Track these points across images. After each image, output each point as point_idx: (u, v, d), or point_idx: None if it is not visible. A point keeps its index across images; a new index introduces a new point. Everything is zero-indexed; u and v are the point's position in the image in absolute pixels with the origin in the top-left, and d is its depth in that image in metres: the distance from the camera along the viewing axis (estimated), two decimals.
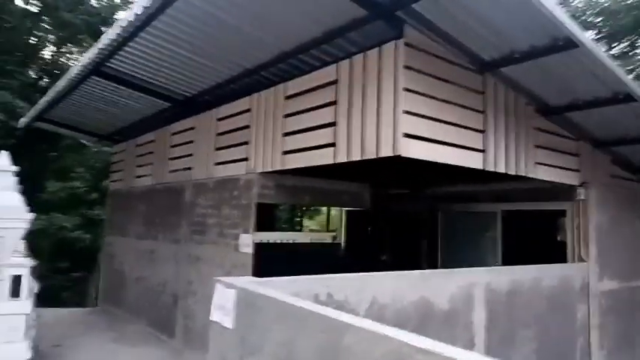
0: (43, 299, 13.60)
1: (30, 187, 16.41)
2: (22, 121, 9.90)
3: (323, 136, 4.92)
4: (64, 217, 14.20)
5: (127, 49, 5.55)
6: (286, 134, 5.49)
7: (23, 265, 5.18)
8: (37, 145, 17.19)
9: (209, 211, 6.90)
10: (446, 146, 4.47)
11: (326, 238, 11.46)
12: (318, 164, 4.98)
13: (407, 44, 4.14)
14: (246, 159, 6.20)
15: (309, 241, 12.05)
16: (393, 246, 8.93)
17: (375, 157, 4.30)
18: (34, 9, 18.43)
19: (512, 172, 5.20)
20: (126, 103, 7.74)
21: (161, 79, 6.52)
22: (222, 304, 2.91)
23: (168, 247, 7.89)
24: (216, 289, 3.05)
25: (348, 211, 9.50)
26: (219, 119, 6.85)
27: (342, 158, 4.68)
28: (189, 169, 7.58)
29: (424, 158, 4.25)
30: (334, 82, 4.85)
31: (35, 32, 19.09)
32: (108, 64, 6.08)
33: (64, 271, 14.91)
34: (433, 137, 4.34)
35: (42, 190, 16.05)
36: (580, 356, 5.72)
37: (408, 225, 8.68)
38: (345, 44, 4.72)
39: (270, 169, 5.75)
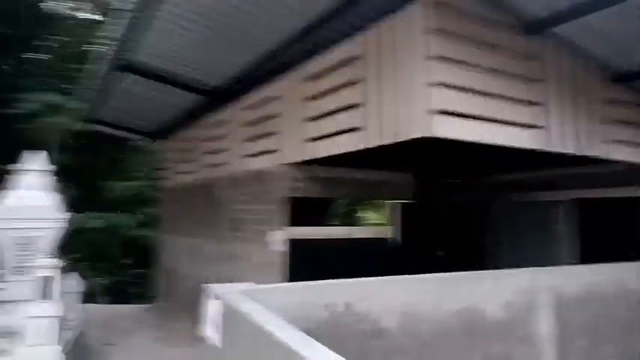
0: (112, 295, 14.18)
1: (97, 187, 17.10)
2: (74, 124, 10.16)
3: (349, 119, 4.33)
4: (125, 215, 14.64)
5: (146, 39, 5.27)
6: (312, 119, 4.96)
7: (53, 266, 5.08)
8: (105, 146, 17.92)
9: (244, 207, 6.54)
10: (493, 124, 3.71)
11: (383, 232, 10.78)
12: (345, 151, 4.40)
13: (438, 2, 3.44)
14: (275, 150, 5.74)
15: (366, 235, 11.40)
16: (450, 241, 8.13)
17: (407, 139, 3.65)
18: (100, 17, 19.20)
19: (582, 153, 4.31)
20: (161, 98, 7.56)
21: (188, 70, 6.21)
22: (213, 317, 2.46)
23: (210, 245, 7.66)
24: (209, 297, 2.60)
25: (402, 204, 8.80)
26: (248, 109, 6.45)
27: (371, 143, 4.06)
28: (224, 163, 7.27)
29: (465, 139, 3.53)
30: (359, 57, 4.24)
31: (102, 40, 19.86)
32: (132, 57, 5.86)
33: (130, 267, 15.44)
34: (476, 113, 3.60)
35: (108, 190, 16.74)
36: None
37: (467, 217, 7.83)
38: (370, 11, 4.07)
39: (298, 160, 5.24)
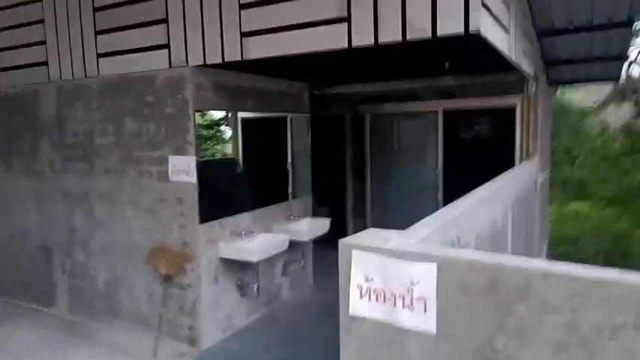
0: None
1: None
2: None
3: (323, 5, 3.39)
4: None
5: None
6: (246, 6, 3.72)
7: None
8: None
9: (98, 127, 4.72)
10: (500, 29, 3.46)
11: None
12: (316, 50, 3.48)
13: None
14: (166, 46, 4.18)
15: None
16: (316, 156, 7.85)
17: (428, 37, 3.06)
18: None
19: (517, 62, 4.51)
20: None
21: None
22: (399, 288, 1.60)
23: (22, 183, 5.40)
24: (358, 261, 1.68)
25: (243, 118, 7.95)
26: None
27: (363, 40, 3.28)
28: (42, 64, 5.01)
29: (496, 45, 3.18)
30: None
31: None
32: None
33: None
34: (497, 14, 3.27)
35: None
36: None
37: (327, 131, 7.65)
38: None
39: (217, 61, 3.94)
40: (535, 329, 1.41)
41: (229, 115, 4.80)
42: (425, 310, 1.56)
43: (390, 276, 1.65)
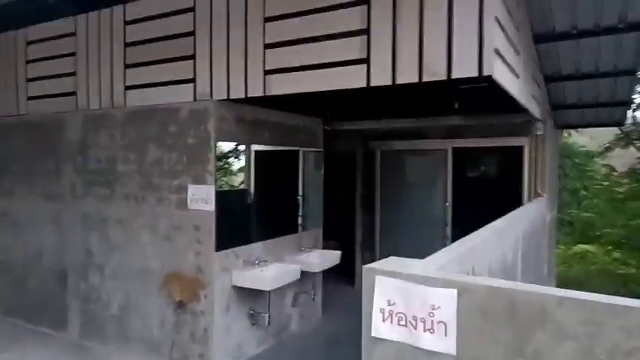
0: None
1: None
2: None
3: (344, 47, 3.60)
4: None
5: None
6: (270, 46, 3.95)
7: None
8: None
9: (120, 154, 4.90)
10: (511, 73, 3.65)
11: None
12: (336, 88, 3.68)
13: None
14: (192, 80, 4.40)
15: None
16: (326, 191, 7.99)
17: (444, 79, 3.24)
18: None
19: (527, 105, 4.69)
20: None
21: None
22: (420, 312, 1.69)
23: (40, 206, 5.55)
24: (381, 286, 1.79)
25: (256, 151, 8.15)
26: (130, 22, 4.74)
27: (381, 80, 3.47)
28: (70, 94, 5.25)
29: (507, 88, 3.36)
30: None
31: None
32: None
33: None
34: (508, 59, 3.46)
35: None
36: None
37: (338, 166, 7.80)
38: None
39: (240, 96, 4.15)
40: (552, 353, 1.50)
41: (239, 147, 4.96)
42: (446, 334, 1.65)
43: (412, 300, 1.75)
